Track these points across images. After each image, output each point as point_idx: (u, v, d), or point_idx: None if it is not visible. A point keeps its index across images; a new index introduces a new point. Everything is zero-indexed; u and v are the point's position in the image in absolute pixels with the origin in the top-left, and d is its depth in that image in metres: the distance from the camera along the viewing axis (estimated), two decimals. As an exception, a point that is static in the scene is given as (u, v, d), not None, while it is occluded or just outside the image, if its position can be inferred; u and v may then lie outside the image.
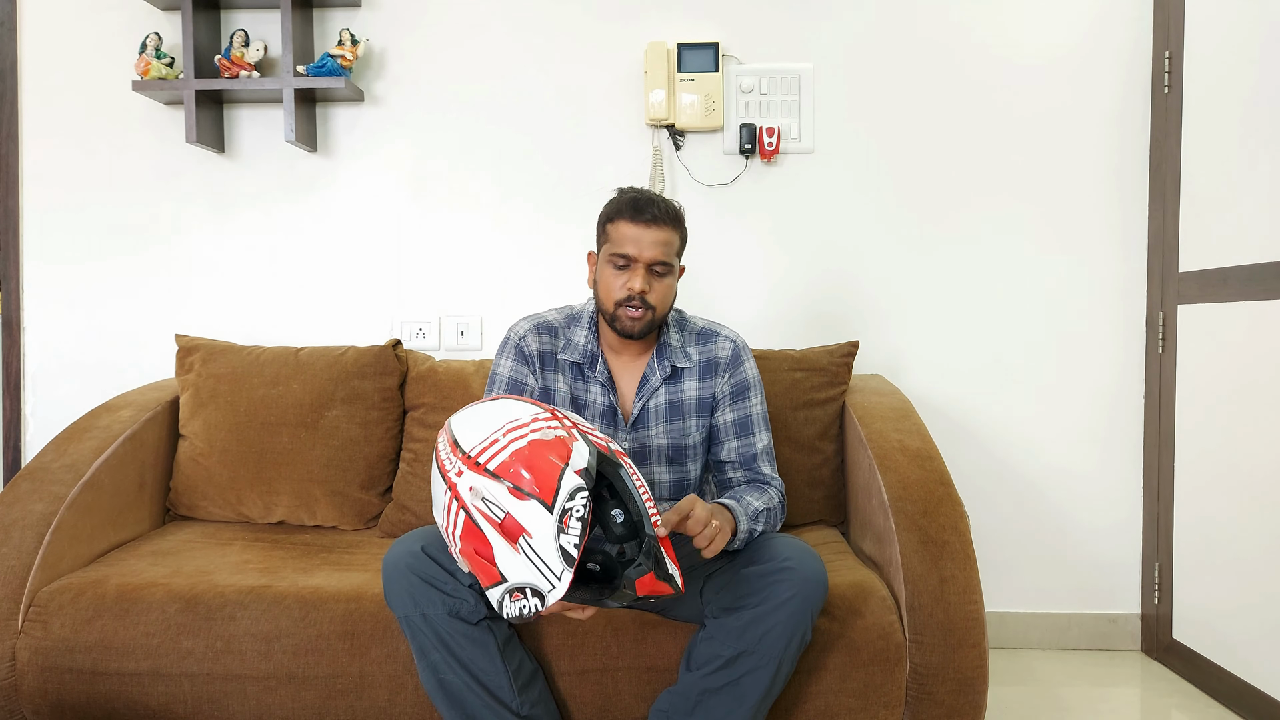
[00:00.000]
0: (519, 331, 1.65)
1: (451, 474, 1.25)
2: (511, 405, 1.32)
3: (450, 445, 1.29)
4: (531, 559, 1.16)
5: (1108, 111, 2.36)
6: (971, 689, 1.49)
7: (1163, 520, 2.29)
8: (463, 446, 1.26)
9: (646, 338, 1.64)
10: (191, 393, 2.12)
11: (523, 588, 1.16)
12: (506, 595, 1.17)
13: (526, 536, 1.17)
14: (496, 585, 1.19)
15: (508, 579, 1.17)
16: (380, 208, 2.44)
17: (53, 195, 2.44)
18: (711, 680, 1.39)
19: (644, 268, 1.54)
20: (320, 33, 2.42)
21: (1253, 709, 1.94)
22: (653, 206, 1.55)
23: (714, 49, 2.33)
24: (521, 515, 1.17)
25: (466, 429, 1.29)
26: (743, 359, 1.68)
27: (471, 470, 1.22)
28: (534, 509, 1.17)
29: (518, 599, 1.17)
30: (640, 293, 1.54)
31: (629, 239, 1.54)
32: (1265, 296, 1.92)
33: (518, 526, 1.17)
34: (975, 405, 2.40)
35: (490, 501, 1.20)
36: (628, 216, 1.55)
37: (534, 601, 1.16)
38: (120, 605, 1.59)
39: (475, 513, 1.20)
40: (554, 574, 1.14)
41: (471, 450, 1.25)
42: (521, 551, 1.17)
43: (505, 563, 1.18)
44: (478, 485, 1.21)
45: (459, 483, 1.23)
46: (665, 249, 1.55)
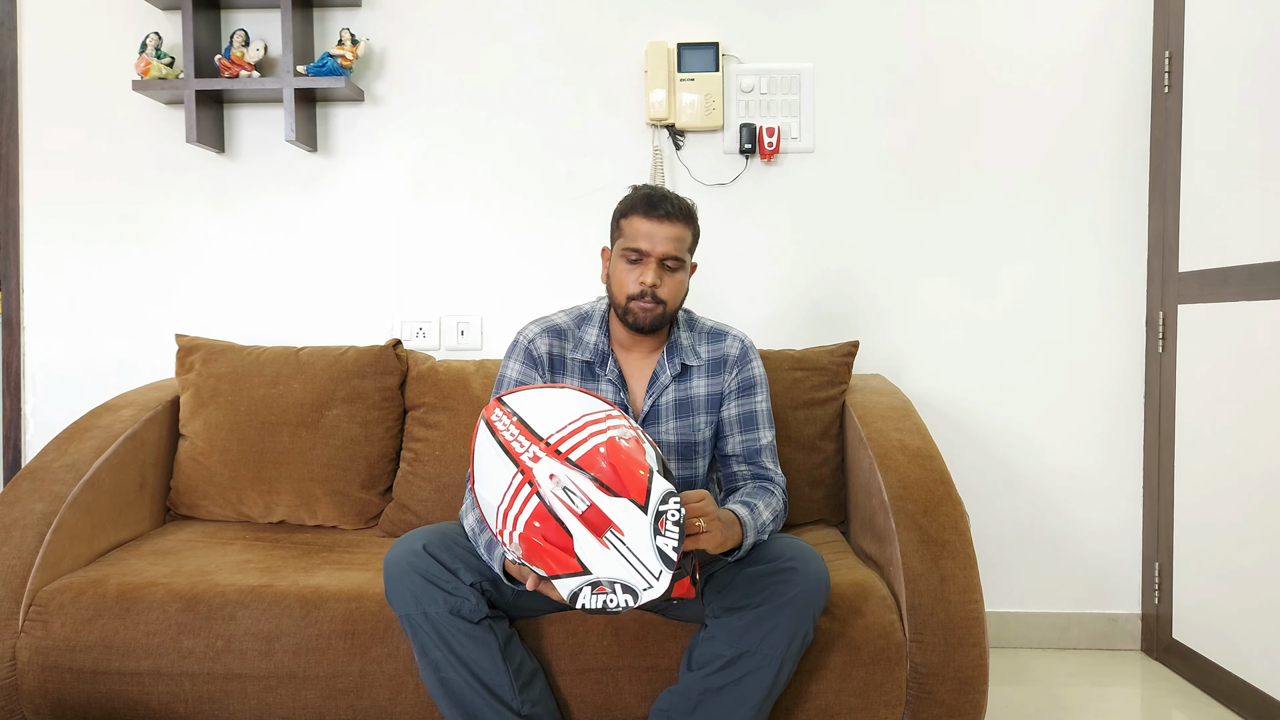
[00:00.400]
0: (528, 335, 1.66)
1: (525, 457, 1.22)
2: (578, 396, 1.32)
3: (518, 427, 1.26)
4: (624, 555, 1.16)
5: (1108, 111, 2.36)
6: (972, 688, 1.49)
7: (1163, 520, 2.29)
8: (538, 431, 1.24)
9: (657, 335, 1.65)
10: (192, 392, 2.12)
11: (612, 582, 1.16)
12: (588, 587, 1.17)
13: (616, 532, 1.17)
14: (573, 575, 1.17)
15: (592, 571, 1.16)
16: (380, 207, 2.44)
17: (53, 195, 2.45)
18: (713, 680, 1.40)
19: (656, 262, 1.56)
20: (320, 33, 2.42)
21: (1253, 709, 1.95)
22: (666, 203, 1.57)
23: (714, 49, 2.33)
24: (611, 510, 1.17)
25: (538, 414, 1.27)
26: (750, 358, 1.70)
27: (551, 458, 1.20)
28: (625, 506, 1.17)
29: (603, 592, 1.16)
30: (652, 286, 1.56)
31: (642, 234, 1.56)
32: (1265, 296, 1.92)
33: (605, 520, 1.17)
34: (975, 405, 2.41)
35: (572, 492, 1.18)
36: (641, 212, 1.57)
37: (624, 598, 1.16)
38: (121, 605, 1.59)
39: (554, 500, 1.18)
40: (651, 573, 1.16)
41: (549, 437, 1.23)
42: (611, 546, 1.16)
43: (591, 555, 1.17)
44: (559, 474, 1.19)
45: (536, 468, 1.20)
46: (677, 244, 1.57)
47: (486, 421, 1.29)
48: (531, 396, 1.32)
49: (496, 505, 1.24)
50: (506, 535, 1.24)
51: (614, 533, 1.17)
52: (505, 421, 1.28)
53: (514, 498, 1.21)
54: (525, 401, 1.31)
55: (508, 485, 1.22)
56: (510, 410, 1.30)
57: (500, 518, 1.24)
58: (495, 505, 1.25)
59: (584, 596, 1.17)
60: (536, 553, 1.20)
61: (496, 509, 1.24)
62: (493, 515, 1.26)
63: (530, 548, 1.21)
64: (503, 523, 1.23)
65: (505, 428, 1.27)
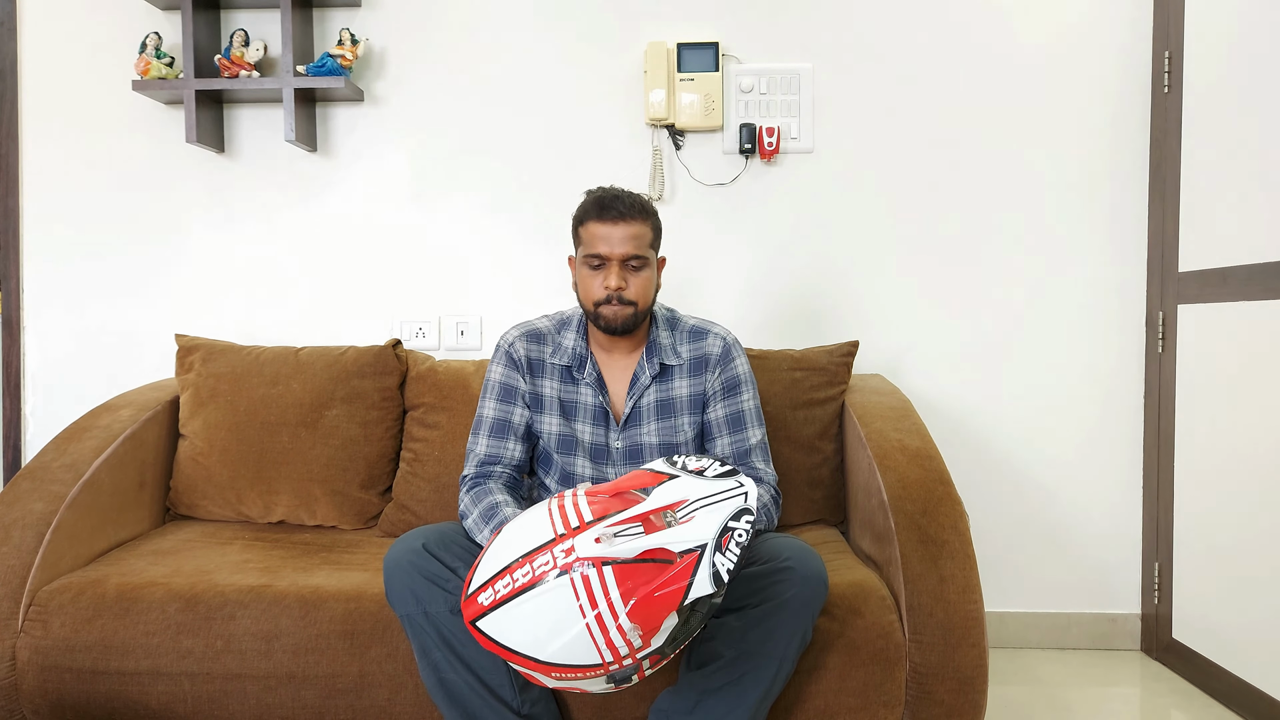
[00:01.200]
0: (508, 339, 1.69)
1: (562, 560, 1.17)
2: (521, 520, 1.28)
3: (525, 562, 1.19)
4: (706, 505, 1.19)
5: (1107, 111, 2.36)
6: (971, 688, 1.49)
7: (1163, 520, 2.29)
8: (544, 541, 1.20)
9: (635, 335, 1.65)
10: (191, 392, 2.12)
11: (725, 528, 1.17)
12: (716, 555, 1.16)
13: (680, 506, 1.19)
14: (697, 566, 1.15)
15: (705, 540, 1.16)
16: (380, 208, 2.44)
17: (53, 195, 2.45)
18: (711, 680, 1.39)
19: (618, 264, 1.56)
20: (320, 33, 2.42)
21: (1253, 709, 1.94)
22: (618, 203, 1.57)
23: (714, 49, 2.33)
24: (656, 502, 1.19)
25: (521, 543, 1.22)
26: (733, 355, 1.69)
27: (579, 532, 1.18)
28: (662, 490, 1.20)
29: (728, 540, 1.16)
30: (618, 289, 1.56)
31: (599, 238, 1.57)
32: (1265, 296, 1.92)
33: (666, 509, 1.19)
34: (975, 405, 2.40)
35: (622, 530, 1.18)
36: (594, 216, 1.58)
37: (744, 522, 1.18)
38: (120, 605, 1.59)
39: (621, 550, 1.16)
40: (733, 487, 1.20)
41: (559, 530, 1.21)
42: (692, 514, 1.18)
43: (689, 538, 1.17)
44: (601, 532, 1.17)
45: (579, 551, 1.17)
46: (636, 243, 1.57)
47: (485, 611, 1.21)
48: (486, 561, 1.25)
49: (582, 631, 1.16)
50: (617, 633, 1.15)
51: (680, 509, 1.19)
52: (501, 583, 1.20)
53: (591, 594, 1.15)
54: (488, 564, 1.24)
55: (574, 596, 1.15)
56: (489, 580, 1.22)
57: (597, 631, 1.15)
58: (578, 633, 1.16)
59: (720, 564, 1.15)
60: (655, 601, 1.14)
61: (585, 633, 1.16)
62: (585, 647, 1.16)
63: (648, 604, 1.14)
64: (603, 630, 1.15)
65: (509, 583, 1.19)
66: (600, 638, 1.15)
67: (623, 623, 1.14)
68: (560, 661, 1.16)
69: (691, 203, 2.40)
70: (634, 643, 1.16)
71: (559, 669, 1.17)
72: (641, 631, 1.15)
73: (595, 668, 1.17)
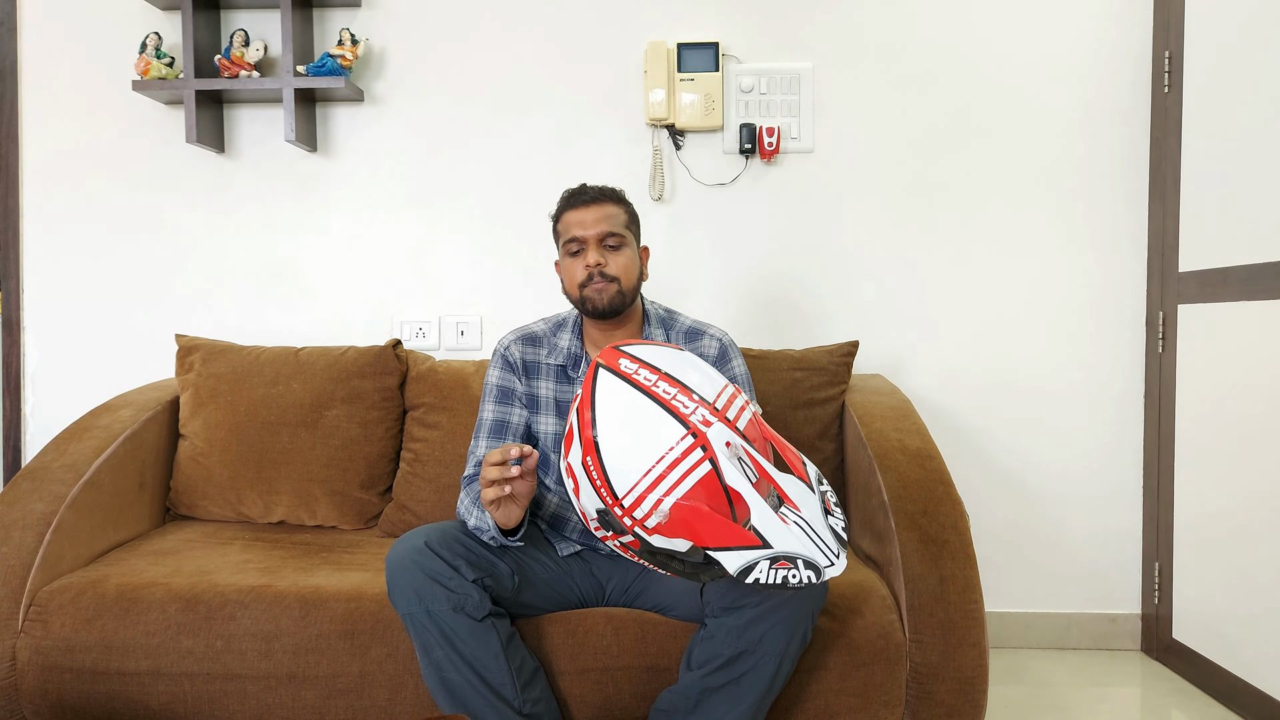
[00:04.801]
0: (504, 343, 1.71)
1: (694, 419, 1.15)
2: (704, 363, 1.28)
3: (670, 383, 1.18)
4: (807, 532, 1.14)
5: (1108, 111, 2.36)
6: (971, 688, 1.49)
7: (1163, 520, 2.29)
8: (701, 394, 1.17)
9: (628, 330, 1.67)
10: (191, 393, 2.12)
11: (793, 558, 1.12)
12: (765, 561, 1.12)
13: (793, 508, 1.15)
14: (747, 549, 1.12)
15: (774, 546, 1.12)
16: (380, 207, 2.44)
17: (53, 195, 2.45)
18: (712, 679, 1.40)
19: (595, 243, 1.60)
20: (320, 33, 2.42)
21: (1253, 709, 1.95)
22: (587, 189, 1.65)
23: (714, 49, 2.33)
24: (785, 486, 1.15)
25: (693, 378, 1.20)
26: (730, 356, 1.69)
27: (723, 424, 1.15)
28: (796, 484, 1.16)
29: (784, 567, 1.12)
30: (597, 265, 1.59)
31: (574, 224, 1.62)
32: (1265, 296, 1.92)
33: (781, 494, 1.15)
34: (975, 405, 2.40)
35: (746, 463, 1.14)
36: (568, 207, 1.65)
37: (807, 574, 1.12)
38: (120, 605, 1.59)
39: (729, 469, 1.13)
40: (833, 552, 1.15)
41: (716, 402, 1.17)
42: (792, 522, 1.14)
43: (770, 529, 1.13)
44: (735, 441, 1.14)
45: (710, 433, 1.14)
46: (610, 221, 1.62)
47: (618, 373, 1.20)
48: (655, 351, 1.26)
49: (645, 464, 1.15)
50: (654, 498, 1.15)
51: (790, 509, 1.15)
52: (648, 375, 1.20)
53: (678, 460, 1.14)
54: (655, 356, 1.24)
55: (671, 445, 1.15)
56: (646, 363, 1.22)
57: (650, 478, 1.15)
58: (641, 464, 1.15)
59: (759, 570, 1.11)
60: (700, 524, 1.13)
61: (645, 469, 1.15)
62: (631, 476, 1.16)
63: (690, 517, 1.14)
64: (653, 484, 1.15)
65: (653, 383, 1.19)
66: (645, 482, 1.16)
67: (667, 497, 1.15)
68: (605, 458, 1.18)
69: (692, 203, 2.40)
70: (647, 512, 1.17)
71: (596, 460, 1.18)
72: (663, 520, 1.16)
73: (610, 494, 1.19)
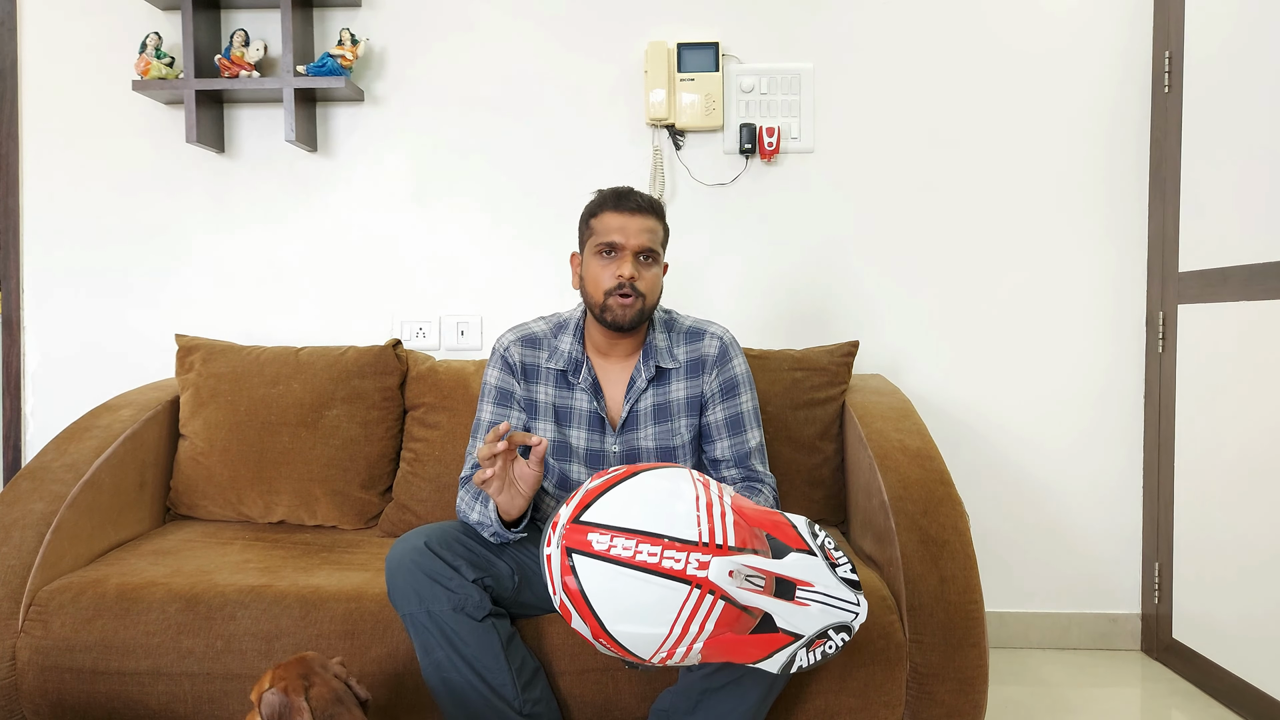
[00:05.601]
0: (504, 343, 1.68)
1: (693, 570, 1.16)
2: (663, 481, 1.25)
3: (658, 544, 1.18)
4: (824, 603, 1.18)
5: (1107, 111, 2.36)
6: (972, 688, 1.49)
7: (1163, 520, 2.29)
8: (685, 539, 1.18)
9: (633, 338, 1.64)
10: (191, 392, 2.12)
11: (824, 632, 1.18)
12: (803, 650, 1.18)
13: (805, 587, 1.19)
14: (783, 649, 1.18)
15: (804, 634, 1.18)
16: (380, 207, 2.44)
17: (53, 195, 2.45)
18: (712, 680, 1.39)
19: (631, 254, 1.55)
20: (320, 33, 2.42)
21: (1253, 709, 1.95)
22: (636, 196, 1.59)
23: (714, 49, 2.33)
24: (790, 572, 1.19)
25: (664, 521, 1.19)
26: (731, 355, 1.67)
27: (721, 555, 1.18)
28: (799, 561, 1.19)
29: (819, 645, 1.19)
30: (630, 278, 1.54)
31: (615, 228, 1.56)
32: (1265, 296, 1.92)
33: (790, 582, 1.19)
34: (975, 405, 2.40)
35: (752, 576, 1.18)
36: (611, 207, 1.58)
37: (840, 638, 1.19)
38: (120, 605, 1.59)
39: (740, 594, 1.17)
40: (852, 603, 1.19)
41: (704, 539, 1.19)
42: (809, 602, 1.18)
43: (795, 620, 1.18)
44: (736, 566, 1.17)
45: (711, 575, 1.16)
46: (651, 236, 1.57)
47: (595, 554, 1.19)
48: (615, 504, 1.23)
49: (662, 632, 1.18)
50: (682, 651, 1.19)
51: (803, 589, 1.18)
52: (625, 544, 1.19)
53: (694, 613, 1.17)
54: (618, 512, 1.21)
55: (680, 605, 1.17)
56: (616, 529, 1.20)
57: (671, 640, 1.18)
58: (658, 633, 1.18)
59: (800, 659, 1.18)
60: (732, 648, 1.19)
61: (663, 636, 1.18)
62: (650, 644, 1.19)
63: (721, 647, 1.19)
64: (676, 642, 1.18)
65: (633, 551, 1.18)
66: (668, 644, 1.19)
67: (695, 645, 1.19)
68: (619, 637, 1.19)
69: (692, 203, 2.40)
70: (679, 660, 1.21)
71: (608, 639, 1.20)
72: (697, 661, 1.21)
73: (635, 658, 1.21)
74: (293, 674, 1.23)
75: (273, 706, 1.20)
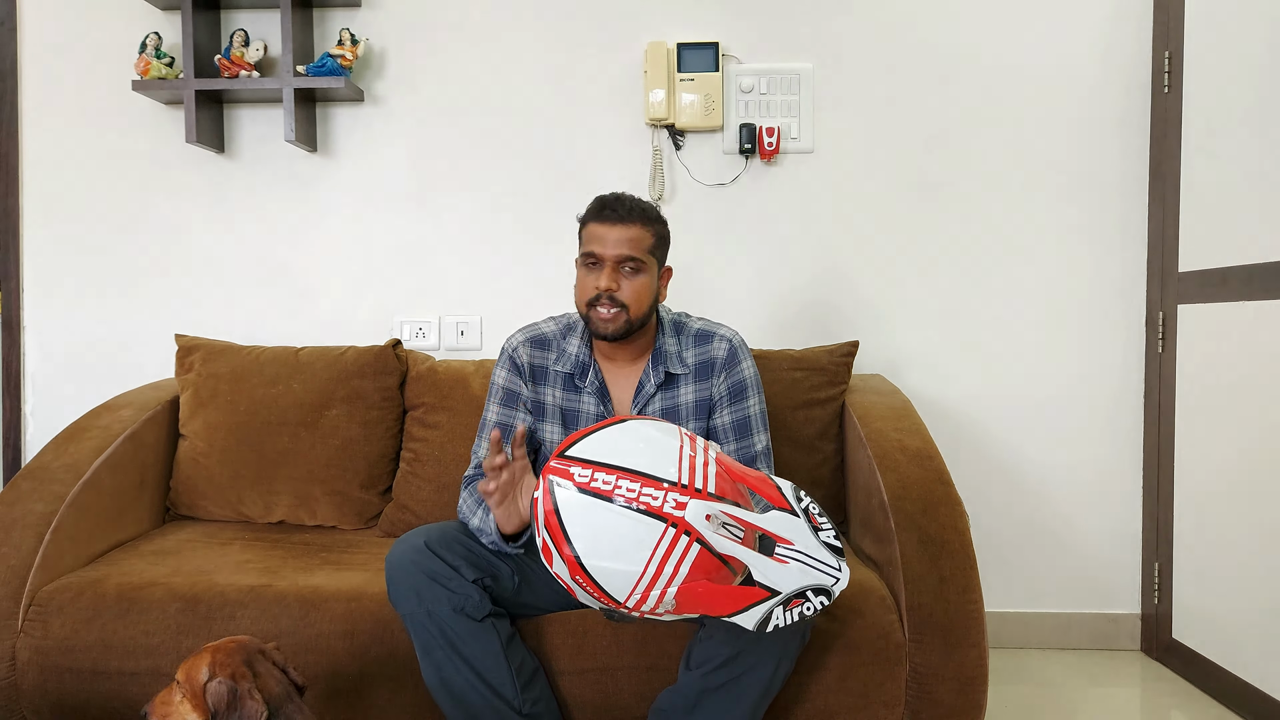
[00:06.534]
0: (513, 343, 1.67)
1: (670, 509, 1.16)
2: (651, 428, 1.26)
3: (630, 477, 1.18)
4: (805, 563, 1.17)
5: (1108, 111, 2.36)
6: (972, 688, 1.49)
7: (1163, 520, 2.29)
8: (665, 478, 1.18)
9: (640, 342, 1.63)
10: (191, 392, 2.12)
11: (802, 592, 1.17)
12: (780, 607, 1.16)
13: (786, 545, 1.18)
14: (759, 604, 1.16)
15: (781, 590, 1.16)
16: (380, 208, 2.44)
17: (53, 195, 2.45)
18: (710, 679, 1.40)
19: (611, 265, 1.54)
20: (320, 33, 2.42)
21: (1253, 709, 1.94)
22: (618, 204, 1.56)
23: (714, 49, 2.33)
24: (771, 526, 1.18)
25: (646, 460, 1.20)
26: (739, 358, 1.67)
27: (697, 498, 1.17)
28: (781, 519, 1.19)
29: (796, 605, 1.17)
30: (607, 290, 1.52)
31: (595, 238, 1.56)
32: (1265, 296, 1.92)
33: (771, 538, 1.18)
34: (975, 405, 2.40)
35: (730, 525, 1.18)
36: (594, 217, 1.57)
37: (818, 600, 1.17)
38: (120, 605, 1.59)
39: (717, 539, 1.16)
40: (834, 567, 1.18)
41: (684, 480, 1.18)
42: (789, 560, 1.17)
43: (773, 575, 1.16)
44: (714, 511, 1.17)
45: (687, 515, 1.16)
46: (632, 245, 1.54)
47: (576, 484, 1.19)
48: (601, 441, 1.24)
49: (636, 570, 1.16)
50: (656, 594, 1.17)
51: (783, 547, 1.18)
52: (605, 478, 1.19)
53: (668, 553, 1.16)
54: (603, 449, 1.22)
55: (655, 542, 1.16)
56: (598, 464, 1.20)
57: (646, 579, 1.17)
58: (633, 570, 1.17)
59: (776, 617, 1.16)
60: (707, 598, 1.17)
61: (637, 574, 1.17)
62: (625, 582, 1.17)
63: (696, 595, 1.17)
64: (650, 583, 1.17)
65: (613, 486, 1.18)
66: (642, 584, 1.17)
67: (669, 588, 1.17)
68: (594, 573, 1.18)
69: (691, 203, 2.40)
70: (653, 606, 1.19)
71: (585, 577, 1.18)
72: (671, 607, 1.19)
73: (612, 600, 1.19)
74: (236, 660, 1.17)
75: (220, 696, 1.14)
